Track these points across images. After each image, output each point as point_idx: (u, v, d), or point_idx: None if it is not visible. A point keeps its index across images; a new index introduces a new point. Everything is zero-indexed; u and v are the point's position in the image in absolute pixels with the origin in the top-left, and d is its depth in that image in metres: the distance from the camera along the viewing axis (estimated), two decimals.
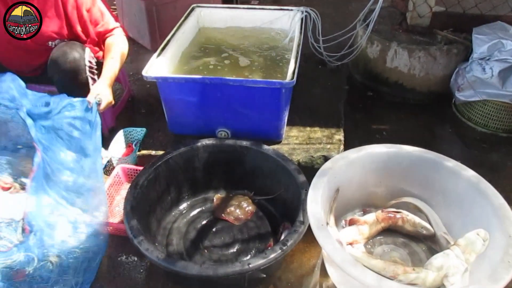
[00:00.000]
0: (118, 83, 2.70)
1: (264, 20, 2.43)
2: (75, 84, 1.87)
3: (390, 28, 2.70)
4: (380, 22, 2.71)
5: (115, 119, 2.40)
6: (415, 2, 2.53)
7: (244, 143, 1.87)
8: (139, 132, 2.22)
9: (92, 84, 1.91)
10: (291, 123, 2.11)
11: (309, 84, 2.42)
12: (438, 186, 1.71)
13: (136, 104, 2.57)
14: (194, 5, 2.46)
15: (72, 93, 1.61)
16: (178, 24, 2.24)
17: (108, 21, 2.00)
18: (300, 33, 2.16)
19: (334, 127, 2.12)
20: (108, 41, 1.99)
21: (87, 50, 1.93)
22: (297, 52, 1.96)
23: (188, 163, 1.87)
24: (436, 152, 1.71)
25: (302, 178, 1.69)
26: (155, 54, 1.95)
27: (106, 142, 2.02)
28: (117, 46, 1.95)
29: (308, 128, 2.11)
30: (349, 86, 2.79)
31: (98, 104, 1.66)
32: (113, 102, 1.81)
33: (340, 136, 2.06)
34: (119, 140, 2.17)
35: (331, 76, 2.59)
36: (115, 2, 3.43)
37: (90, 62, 1.90)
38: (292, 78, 1.77)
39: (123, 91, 2.65)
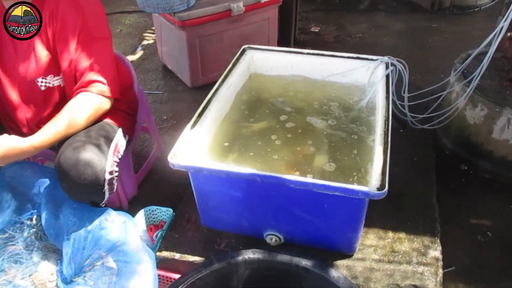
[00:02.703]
0: (146, 134, 2.23)
1: (335, 71, 1.87)
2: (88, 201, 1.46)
3: (498, 85, 2.06)
4: (484, 76, 2.07)
5: (137, 187, 1.92)
6: None
7: (303, 262, 1.32)
8: (164, 212, 1.73)
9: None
10: (367, 223, 1.53)
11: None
12: None
13: (167, 163, 2.06)
14: (246, 46, 1.94)
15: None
16: (223, 75, 1.72)
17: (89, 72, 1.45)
18: (387, 98, 1.58)
19: (426, 234, 1.53)
20: (73, 100, 1.45)
21: (110, 153, 1.45)
22: (385, 134, 1.38)
23: (223, 283, 1.35)
24: None
25: None
26: (189, 125, 1.44)
27: None
28: (71, 112, 1.41)
29: (390, 234, 1.54)
30: (435, 153, 2.16)
31: None
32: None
33: (436, 251, 1.46)
34: (138, 222, 1.69)
35: (415, 144, 1.99)
36: (153, 28, 2.98)
37: (111, 173, 1.41)
38: (382, 184, 1.20)
39: (153, 144, 2.17)
